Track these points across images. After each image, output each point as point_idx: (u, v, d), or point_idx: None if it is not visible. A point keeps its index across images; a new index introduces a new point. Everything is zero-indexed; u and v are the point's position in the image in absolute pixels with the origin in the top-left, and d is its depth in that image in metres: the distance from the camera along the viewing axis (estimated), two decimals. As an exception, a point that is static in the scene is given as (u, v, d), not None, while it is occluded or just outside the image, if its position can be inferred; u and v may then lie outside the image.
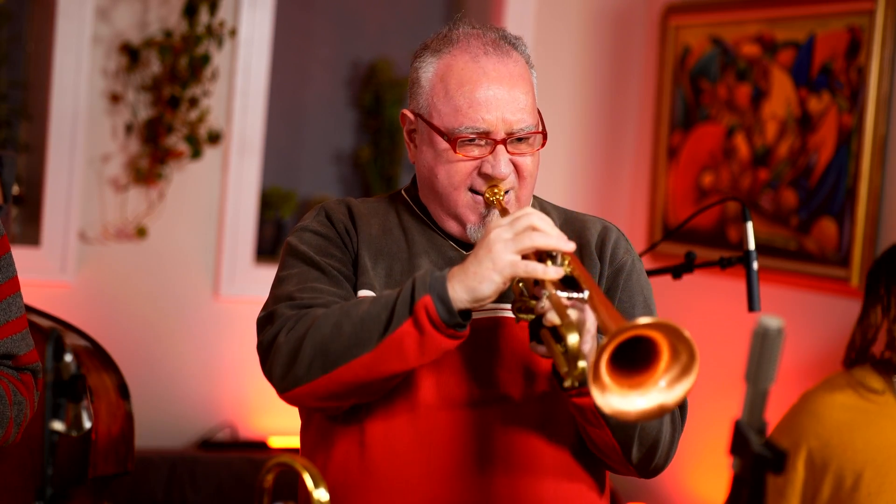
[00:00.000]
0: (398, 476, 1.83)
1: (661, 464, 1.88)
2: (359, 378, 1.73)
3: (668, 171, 4.06)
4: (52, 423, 1.45)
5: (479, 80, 1.84)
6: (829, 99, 3.52)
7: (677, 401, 1.53)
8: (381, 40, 4.32)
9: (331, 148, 4.30)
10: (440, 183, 1.87)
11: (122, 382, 2.63)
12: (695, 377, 1.53)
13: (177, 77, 3.66)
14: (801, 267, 3.57)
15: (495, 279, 1.67)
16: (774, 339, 1.22)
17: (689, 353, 1.52)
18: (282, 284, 1.86)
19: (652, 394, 1.53)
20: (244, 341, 3.86)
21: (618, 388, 1.52)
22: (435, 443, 1.83)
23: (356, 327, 1.72)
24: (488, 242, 1.68)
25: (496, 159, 1.84)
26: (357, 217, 1.94)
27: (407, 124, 1.95)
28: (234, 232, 3.86)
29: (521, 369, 1.87)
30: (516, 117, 1.84)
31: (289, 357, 1.76)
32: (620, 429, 1.79)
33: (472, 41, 1.88)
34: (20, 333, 2.02)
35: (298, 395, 1.79)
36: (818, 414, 2.62)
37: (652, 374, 1.54)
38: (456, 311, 1.68)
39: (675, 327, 1.50)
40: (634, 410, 1.53)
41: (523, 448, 1.85)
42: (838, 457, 2.56)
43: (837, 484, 2.55)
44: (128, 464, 2.56)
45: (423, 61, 1.91)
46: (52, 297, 3.57)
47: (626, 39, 4.27)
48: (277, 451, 3.84)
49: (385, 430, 1.84)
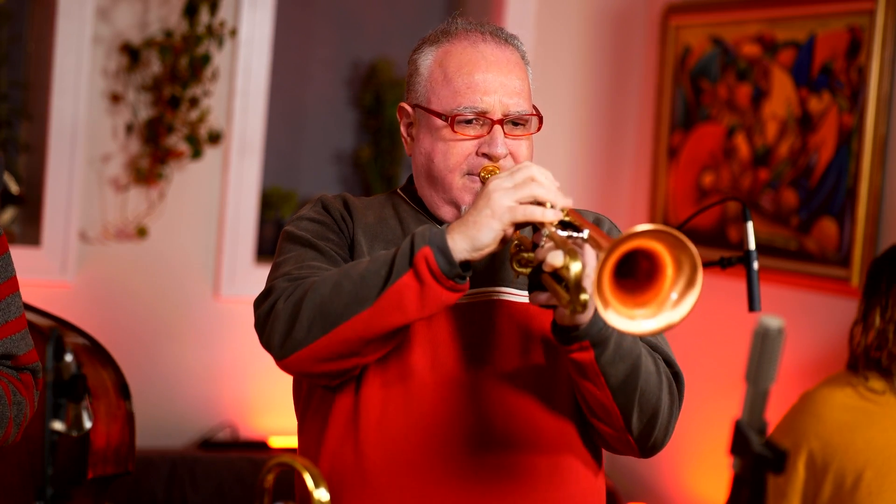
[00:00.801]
0: (393, 457, 1.84)
1: (660, 439, 1.87)
2: (359, 335, 1.73)
3: (669, 171, 4.06)
4: (52, 423, 1.45)
5: (478, 62, 1.88)
6: (829, 99, 3.52)
7: (683, 316, 1.53)
8: (381, 40, 4.32)
9: (331, 148, 4.30)
10: (437, 166, 1.89)
11: (122, 382, 2.61)
12: (699, 289, 1.52)
13: (177, 77, 3.66)
14: (802, 267, 3.57)
15: (494, 226, 1.68)
16: (775, 339, 1.22)
17: (692, 263, 1.51)
18: (279, 267, 1.87)
19: (659, 311, 1.53)
20: (245, 341, 3.86)
21: (622, 306, 1.52)
22: (428, 417, 1.84)
23: (356, 284, 1.72)
24: (487, 192, 1.70)
25: (493, 138, 1.86)
26: (353, 208, 1.96)
27: (404, 118, 1.97)
28: (235, 232, 3.86)
29: (518, 347, 1.88)
30: (513, 100, 1.88)
31: (288, 322, 1.76)
32: (621, 390, 1.78)
33: (470, 31, 1.93)
34: (19, 333, 2.02)
35: (298, 359, 1.77)
36: (819, 414, 2.61)
37: (657, 289, 1.53)
38: (456, 262, 1.69)
39: (677, 236, 1.49)
40: (641, 329, 1.53)
41: (518, 422, 1.86)
42: (839, 457, 2.56)
43: (838, 484, 2.55)
44: (128, 464, 2.55)
45: (420, 53, 1.94)
46: (53, 296, 3.57)
47: (627, 39, 4.27)
48: (278, 450, 3.84)
49: (380, 412, 1.85)
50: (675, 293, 1.53)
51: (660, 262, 1.53)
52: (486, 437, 1.85)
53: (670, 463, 3.81)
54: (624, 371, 1.77)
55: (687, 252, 1.50)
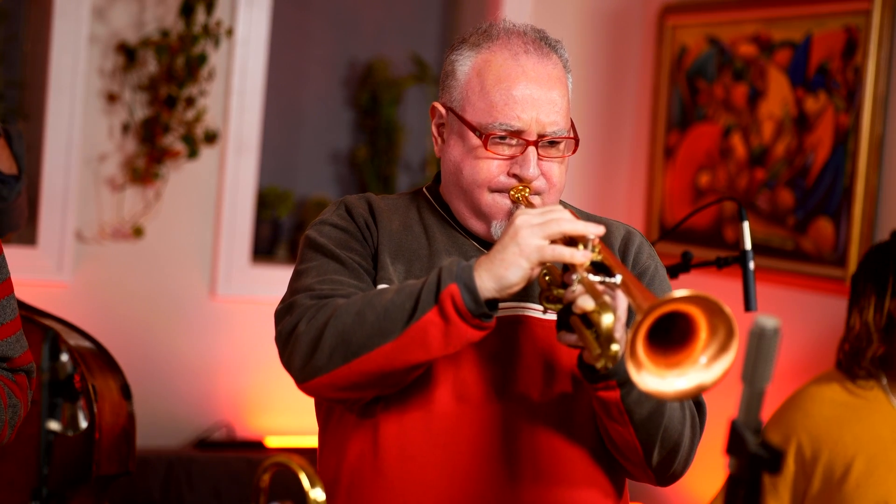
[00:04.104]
0: (411, 476, 1.80)
1: (679, 470, 1.84)
2: (381, 368, 1.70)
3: (665, 171, 4.07)
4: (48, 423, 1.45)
5: (518, 77, 1.82)
6: (825, 99, 3.52)
7: (716, 379, 1.49)
8: (377, 40, 4.32)
9: (327, 148, 4.30)
10: (466, 179, 1.84)
11: (124, 383, 2.67)
12: (734, 353, 1.48)
13: (173, 77, 3.66)
14: (798, 267, 3.57)
15: (522, 265, 1.64)
16: (771, 339, 1.22)
17: (728, 328, 1.47)
18: (301, 277, 1.83)
19: (690, 373, 1.49)
20: (241, 341, 3.86)
21: (654, 367, 1.48)
22: (449, 441, 1.80)
23: (379, 316, 1.69)
24: (514, 228, 1.66)
25: (526, 160, 1.81)
26: (377, 212, 1.90)
27: (436, 117, 1.91)
28: (231, 231, 3.86)
29: (542, 368, 1.83)
30: (550, 119, 1.83)
31: (309, 346, 1.72)
32: (644, 428, 1.75)
33: (512, 38, 1.85)
34: (14, 336, 2.01)
35: (318, 385, 1.75)
36: (807, 409, 2.64)
37: (690, 351, 1.50)
38: (482, 301, 1.65)
39: (714, 301, 1.46)
40: (672, 390, 1.49)
41: (539, 448, 1.81)
42: (828, 450, 2.58)
43: (827, 478, 2.57)
44: (129, 464, 2.60)
45: (460, 54, 1.87)
46: (49, 296, 3.56)
47: (623, 39, 4.27)
48: (274, 450, 3.84)
49: (399, 429, 1.81)
50: (704, 358, 1.49)
51: (694, 324, 1.49)
52: (505, 460, 1.81)
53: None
54: (649, 409, 1.74)
55: (723, 317, 1.47)
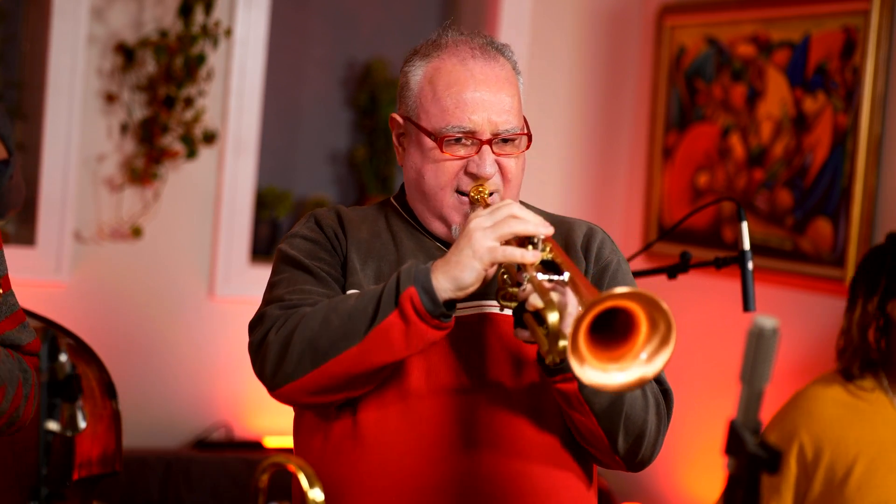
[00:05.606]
0: (390, 459, 1.86)
1: (647, 456, 1.89)
2: (348, 371, 1.77)
3: (664, 171, 4.07)
4: (46, 423, 1.45)
5: (467, 81, 1.89)
6: (824, 99, 3.52)
7: (656, 372, 1.56)
8: (376, 40, 4.32)
9: (326, 148, 4.30)
10: (427, 183, 1.91)
11: (108, 380, 2.56)
12: (672, 347, 1.55)
13: (172, 77, 3.65)
14: (797, 267, 3.57)
15: (476, 266, 1.71)
16: (769, 340, 1.22)
17: (667, 323, 1.53)
18: (272, 289, 1.91)
19: (632, 367, 1.56)
20: (239, 341, 3.84)
21: (597, 361, 1.54)
22: (424, 427, 1.86)
23: (344, 321, 1.76)
24: (468, 231, 1.73)
25: (482, 158, 1.88)
26: (346, 222, 1.98)
27: (396, 128, 1.99)
28: (230, 232, 3.86)
29: (509, 360, 1.90)
30: (502, 118, 1.89)
31: (278, 354, 1.80)
32: (606, 417, 1.81)
33: (460, 45, 1.93)
34: (20, 326, 2.01)
35: (289, 391, 1.82)
36: (809, 410, 2.64)
37: (631, 346, 1.56)
38: (440, 302, 1.72)
39: (652, 297, 1.52)
40: (614, 383, 1.55)
41: (510, 432, 1.87)
42: (830, 451, 2.58)
43: (829, 479, 2.57)
44: (115, 464, 2.50)
45: (412, 65, 1.95)
46: (47, 297, 3.56)
47: (622, 40, 4.27)
48: (272, 451, 3.83)
49: (377, 417, 1.87)
50: (645, 353, 1.55)
51: (635, 320, 1.56)
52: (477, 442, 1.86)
53: (665, 463, 3.81)
54: (608, 398, 1.80)
55: (662, 313, 1.53)
